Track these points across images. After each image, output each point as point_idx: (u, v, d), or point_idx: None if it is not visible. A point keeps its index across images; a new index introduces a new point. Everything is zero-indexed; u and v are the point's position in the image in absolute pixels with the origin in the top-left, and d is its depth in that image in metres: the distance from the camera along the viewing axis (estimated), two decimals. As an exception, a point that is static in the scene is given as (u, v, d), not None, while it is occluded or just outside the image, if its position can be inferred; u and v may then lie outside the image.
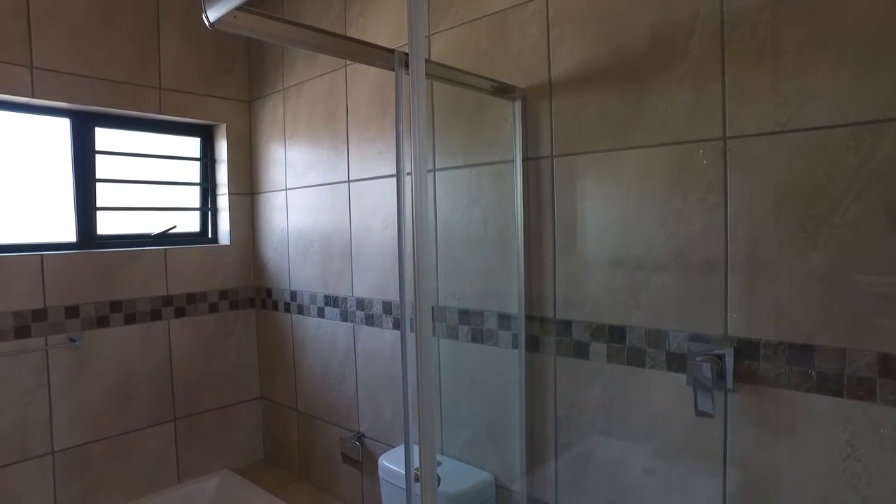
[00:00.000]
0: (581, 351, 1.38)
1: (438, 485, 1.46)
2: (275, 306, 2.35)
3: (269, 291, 2.38)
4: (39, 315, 1.88)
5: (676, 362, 1.23)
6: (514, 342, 1.51)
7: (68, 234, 2.06)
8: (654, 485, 1.27)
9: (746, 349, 1.14)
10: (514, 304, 1.50)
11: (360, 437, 1.97)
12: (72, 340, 1.93)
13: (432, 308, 1.46)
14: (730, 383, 1.16)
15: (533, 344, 1.47)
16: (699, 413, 1.17)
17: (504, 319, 1.53)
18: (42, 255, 1.89)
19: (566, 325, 1.41)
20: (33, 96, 1.87)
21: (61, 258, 1.93)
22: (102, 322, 2.02)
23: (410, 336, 1.25)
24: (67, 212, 2.06)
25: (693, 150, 1.19)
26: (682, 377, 1.23)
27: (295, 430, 2.31)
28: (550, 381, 1.44)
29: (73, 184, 2.06)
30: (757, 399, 1.13)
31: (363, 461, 1.97)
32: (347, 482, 2.07)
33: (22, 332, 1.84)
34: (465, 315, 1.62)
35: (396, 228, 1.78)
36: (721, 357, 1.18)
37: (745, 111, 1.12)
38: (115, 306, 2.05)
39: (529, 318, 1.48)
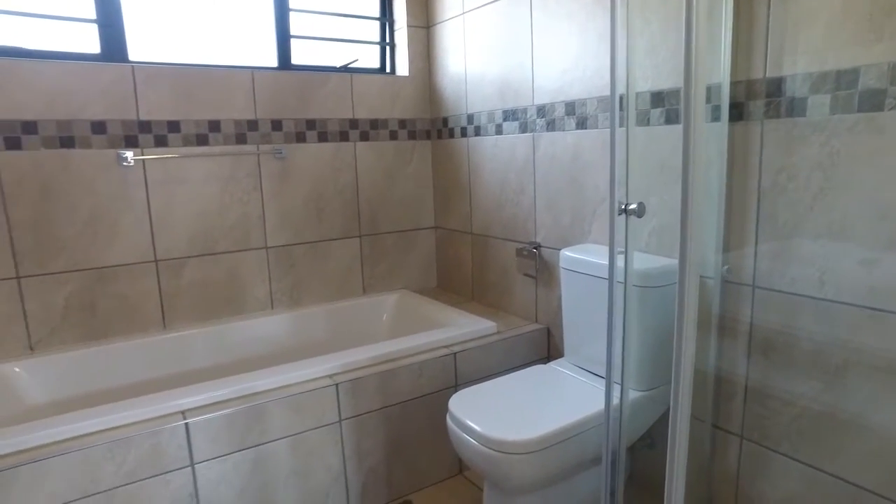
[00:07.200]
0: (796, 108, 1.33)
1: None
2: (451, 134, 2.55)
3: (444, 121, 2.58)
4: (252, 125, 2.26)
5: (926, 97, 1.15)
6: (713, 114, 1.49)
7: (270, 60, 2.41)
8: (881, 262, 1.23)
9: None
10: (717, 73, 1.47)
11: (537, 247, 2.12)
12: (277, 151, 2.30)
13: (619, 97, 1.48)
14: None
15: (736, 112, 1.45)
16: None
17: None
18: (253, 72, 2.25)
19: (777, 83, 1.36)
20: (241, -80, 2.16)
21: (267, 76, 2.28)
22: (300, 137, 2.37)
23: (620, 130, 1.32)
24: (268, 41, 2.41)
25: None
26: (931, 113, 1.14)
27: (468, 254, 2.56)
28: (755, 149, 1.42)
29: (274, 12, 2.39)
30: None
31: (538, 269, 2.14)
32: (520, 296, 2.27)
33: (240, 138, 2.24)
34: (657, 97, 1.63)
35: (582, 22, 1.82)
36: None
37: None
38: (311, 124, 2.38)
39: (734, 84, 1.45)
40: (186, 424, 1.53)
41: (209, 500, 1.59)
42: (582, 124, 1.89)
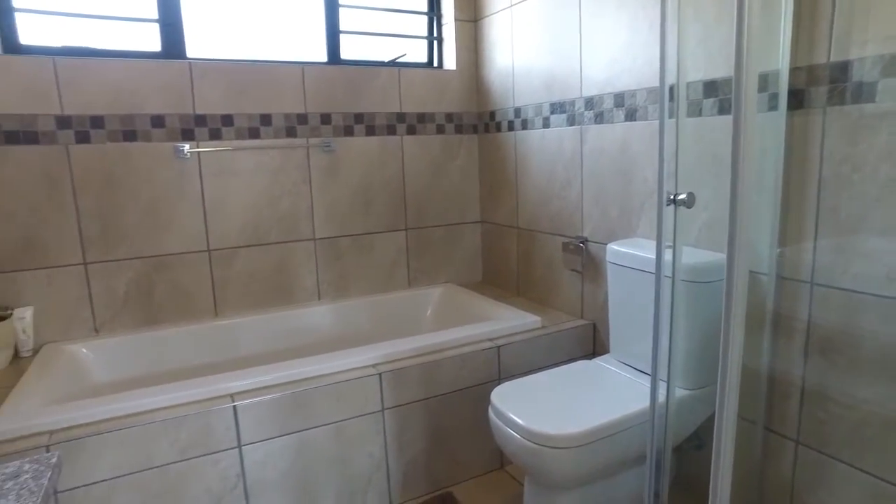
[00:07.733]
0: (864, 93, 1.26)
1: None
2: (498, 128, 2.54)
3: (492, 115, 2.57)
4: (302, 119, 2.32)
5: None
6: (771, 103, 1.43)
7: (320, 55, 2.47)
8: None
9: None
10: (776, 59, 1.41)
11: (584, 241, 2.09)
12: (326, 144, 2.35)
13: (670, 87, 1.44)
14: None
15: (796, 100, 1.39)
16: None
17: (761, 79, 1.45)
18: (303, 66, 2.30)
19: (843, 68, 1.29)
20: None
21: (317, 70, 2.33)
22: (349, 131, 2.41)
23: (670, 122, 1.29)
24: (318, 37, 2.46)
25: None
26: None
27: (514, 248, 2.54)
28: (816, 139, 1.35)
29: (324, 8, 2.44)
30: None
31: (585, 265, 2.11)
32: (566, 291, 2.25)
33: (290, 132, 2.31)
34: (710, 86, 1.58)
35: (632, 11, 1.78)
36: None
37: None
38: (359, 118, 2.43)
39: (793, 71, 1.38)
40: (234, 407, 1.59)
41: (255, 480, 1.65)
42: (631, 116, 1.85)
